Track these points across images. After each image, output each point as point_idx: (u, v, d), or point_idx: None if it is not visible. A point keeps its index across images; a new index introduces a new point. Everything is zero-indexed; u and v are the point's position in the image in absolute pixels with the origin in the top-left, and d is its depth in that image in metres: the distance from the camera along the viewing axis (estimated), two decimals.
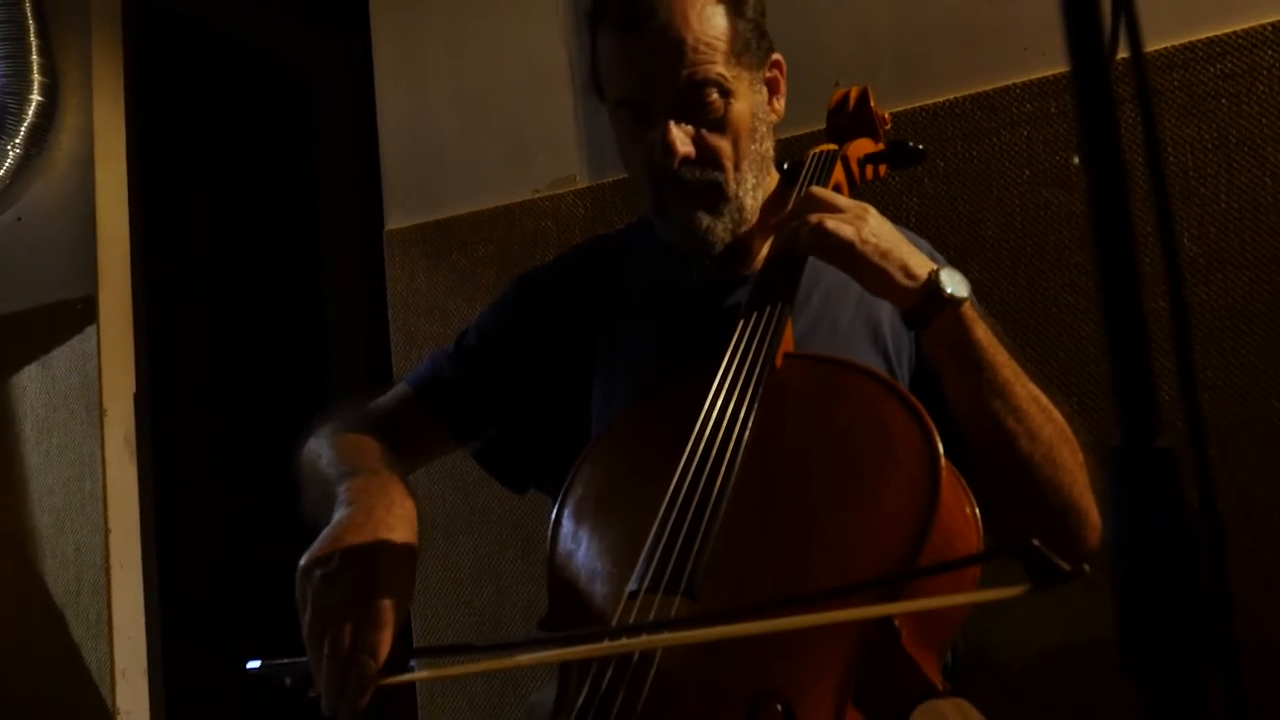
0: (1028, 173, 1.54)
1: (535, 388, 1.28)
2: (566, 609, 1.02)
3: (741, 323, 1.09)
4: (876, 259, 1.05)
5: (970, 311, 1.05)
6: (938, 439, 0.95)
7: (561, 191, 1.92)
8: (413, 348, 1.99)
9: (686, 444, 1.00)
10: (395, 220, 2.06)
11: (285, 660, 0.93)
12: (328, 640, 0.88)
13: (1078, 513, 1.07)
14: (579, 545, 1.04)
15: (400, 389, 1.30)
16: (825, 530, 0.94)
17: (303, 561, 0.92)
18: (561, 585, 1.04)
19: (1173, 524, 0.45)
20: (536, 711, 1.30)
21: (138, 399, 2.46)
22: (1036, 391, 1.08)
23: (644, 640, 0.86)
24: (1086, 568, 0.70)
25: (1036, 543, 0.72)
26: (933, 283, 1.04)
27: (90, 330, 2.40)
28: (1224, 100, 1.44)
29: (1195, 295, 1.43)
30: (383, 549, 0.93)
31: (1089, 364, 1.45)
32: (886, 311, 1.21)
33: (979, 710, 1.17)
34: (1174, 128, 1.46)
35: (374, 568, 0.91)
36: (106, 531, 2.32)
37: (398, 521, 0.97)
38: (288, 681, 0.92)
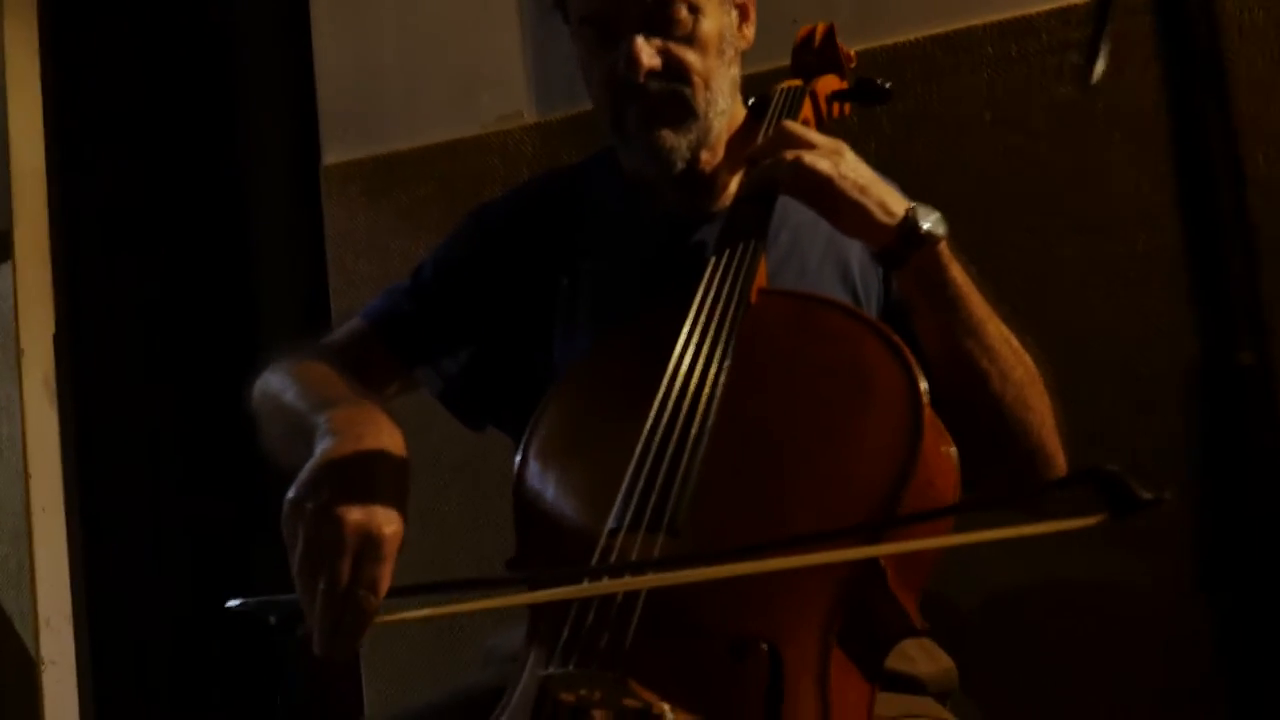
0: (989, 115, 1.54)
1: (495, 323, 1.24)
2: (538, 549, 0.99)
3: (713, 260, 1.06)
4: (855, 195, 1.04)
5: (946, 250, 1.05)
6: (920, 376, 0.94)
7: (509, 128, 1.87)
8: (352, 289, 1.93)
9: (661, 382, 0.98)
10: (333, 155, 1.98)
11: (269, 597, 0.88)
12: (324, 576, 0.83)
13: (1045, 455, 1.08)
14: (549, 484, 1.02)
15: (354, 324, 1.25)
16: (806, 469, 0.92)
17: (291, 494, 0.87)
18: (532, 525, 1.02)
19: (1255, 438, 0.44)
20: (495, 654, 1.29)
21: (57, 339, 2.36)
22: (1007, 332, 1.08)
23: (644, 580, 0.84)
24: (1167, 495, 0.67)
25: (1116, 469, 0.69)
26: (910, 220, 1.03)
27: (5, 268, 2.29)
28: None
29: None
30: (378, 478, 0.89)
31: (1047, 308, 1.45)
32: (855, 251, 1.20)
33: (941, 648, 1.18)
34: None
35: (370, 498, 0.86)
36: (26, 476, 2.23)
37: (389, 450, 0.92)
38: (272, 619, 0.88)
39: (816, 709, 0.84)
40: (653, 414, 0.96)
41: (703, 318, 1.02)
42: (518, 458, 1.05)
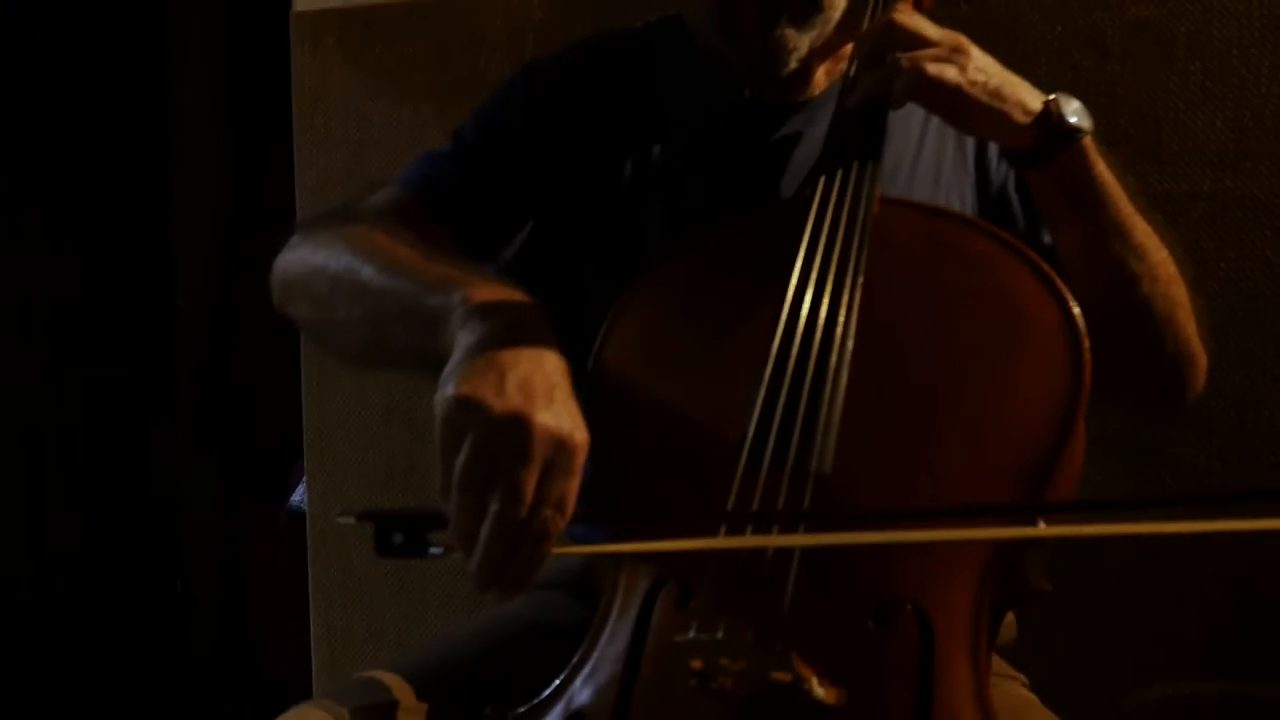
0: (1059, 29, 1.43)
1: (551, 202, 1.08)
2: (634, 485, 0.86)
3: (823, 179, 0.93)
4: (988, 101, 0.92)
5: (1091, 144, 0.94)
6: (1076, 310, 0.84)
7: None
8: (322, 153, 1.72)
9: (781, 299, 0.86)
10: (306, 0, 1.75)
11: (392, 510, 0.74)
12: (500, 490, 0.69)
13: (1191, 354, 1.00)
14: (643, 406, 0.89)
15: (388, 194, 1.06)
16: (956, 415, 0.82)
17: (452, 388, 0.71)
18: (619, 453, 0.89)
19: None
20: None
21: None
22: (1147, 225, 0.99)
23: (802, 538, 0.73)
24: None
25: None
26: (1054, 115, 0.92)
27: None
28: None
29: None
30: (555, 373, 0.75)
31: None
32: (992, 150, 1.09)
33: None
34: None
35: (552, 397, 0.72)
36: None
37: (553, 339, 0.78)
38: (397, 539, 0.74)
39: (970, 682, 0.75)
40: (779, 336, 0.84)
41: (824, 231, 0.89)
42: (591, 369, 0.92)
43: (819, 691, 0.70)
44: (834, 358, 0.82)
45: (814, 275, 0.87)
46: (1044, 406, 0.82)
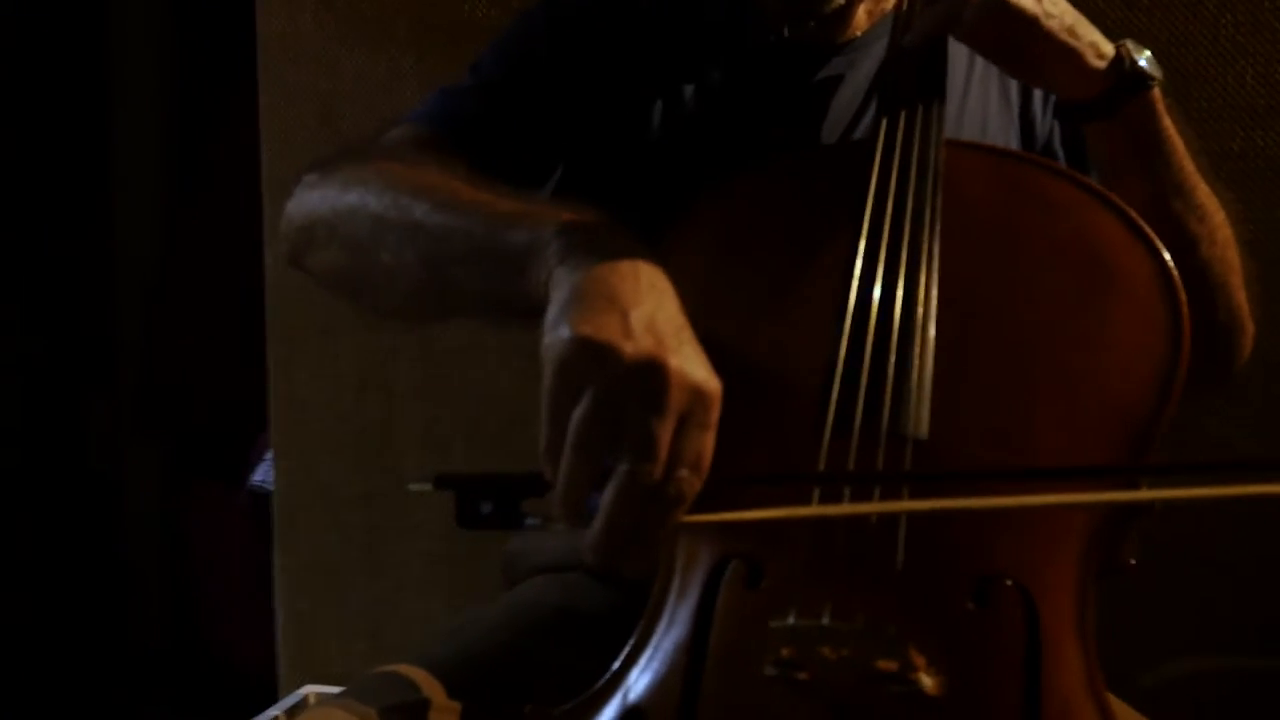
0: None
1: (580, 139, 0.98)
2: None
3: (885, 120, 0.85)
4: (1065, 38, 0.85)
5: (1159, 95, 0.87)
6: (1169, 259, 0.77)
7: None
8: (290, 105, 1.60)
9: (853, 246, 0.78)
10: None
11: (486, 474, 0.65)
12: (630, 447, 0.59)
13: (1241, 322, 0.95)
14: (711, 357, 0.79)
15: (405, 130, 0.95)
16: (1050, 375, 0.75)
17: (572, 330, 0.61)
18: None
19: None
20: (523, 562, 1.08)
21: None
22: (1207, 185, 0.93)
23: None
24: None
25: None
26: (1127, 60, 0.85)
27: None
28: None
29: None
30: (681, 316, 0.65)
31: None
32: (1036, 103, 1.03)
33: None
34: None
35: (682, 339, 0.62)
36: None
37: (668, 280, 0.68)
38: (485, 509, 0.64)
39: (1081, 668, 0.68)
40: (855, 289, 0.76)
41: (893, 177, 0.81)
42: None
43: (926, 681, 0.62)
44: (920, 311, 0.74)
45: (887, 223, 0.79)
46: (1143, 363, 0.75)
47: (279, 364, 1.63)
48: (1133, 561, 0.76)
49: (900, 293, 0.75)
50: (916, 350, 0.72)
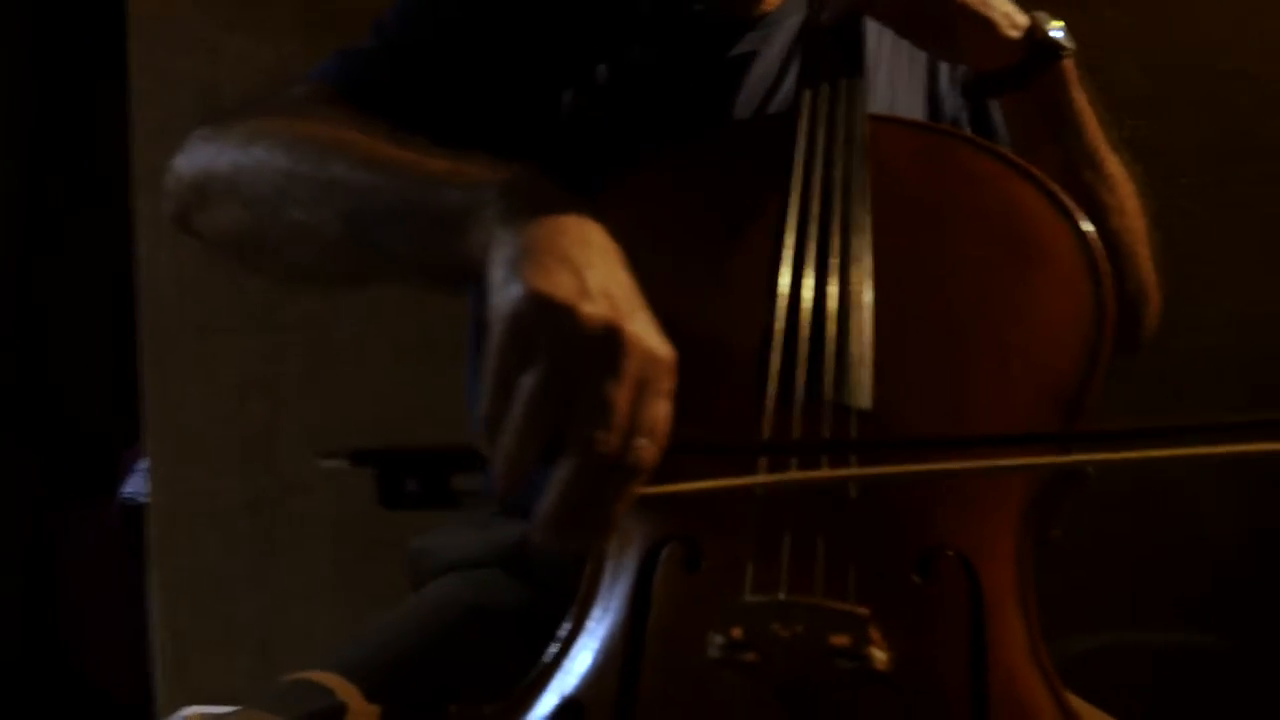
0: None
1: (487, 108, 0.94)
2: None
3: (808, 93, 0.84)
4: (979, 8, 0.85)
5: (1071, 65, 0.88)
6: (1089, 228, 0.78)
7: None
8: (166, 93, 1.51)
9: (782, 219, 0.76)
10: None
11: (409, 448, 0.59)
12: (585, 414, 0.55)
13: (1149, 292, 0.96)
14: None
15: (307, 88, 0.89)
16: (982, 346, 0.75)
17: (525, 287, 0.57)
18: None
19: None
20: (431, 560, 1.02)
21: None
22: (1114, 156, 0.93)
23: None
24: None
25: None
26: (1040, 30, 0.86)
27: None
28: None
29: None
30: (630, 281, 0.62)
31: None
32: (943, 76, 1.02)
33: None
34: None
35: (635, 305, 0.59)
36: None
37: (602, 229, 0.65)
38: (411, 487, 0.60)
39: (1025, 639, 0.67)
40: (789, 261, 0.74)
41: (819, 151, 0.80)
42: None
43: (878, 655, 0.61)
44: (855, 280, 0.72)
45: (817, 194, 0.77)
46: (1071, 332, 0.75)
47: (153, 365, 1.54)
48: (1057, 533, 0.76)
49: (835, 260, 0.73)
50: (854, 322, 0.71)
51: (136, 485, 1.87)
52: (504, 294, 0.58)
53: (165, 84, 1.51)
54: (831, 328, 0.70)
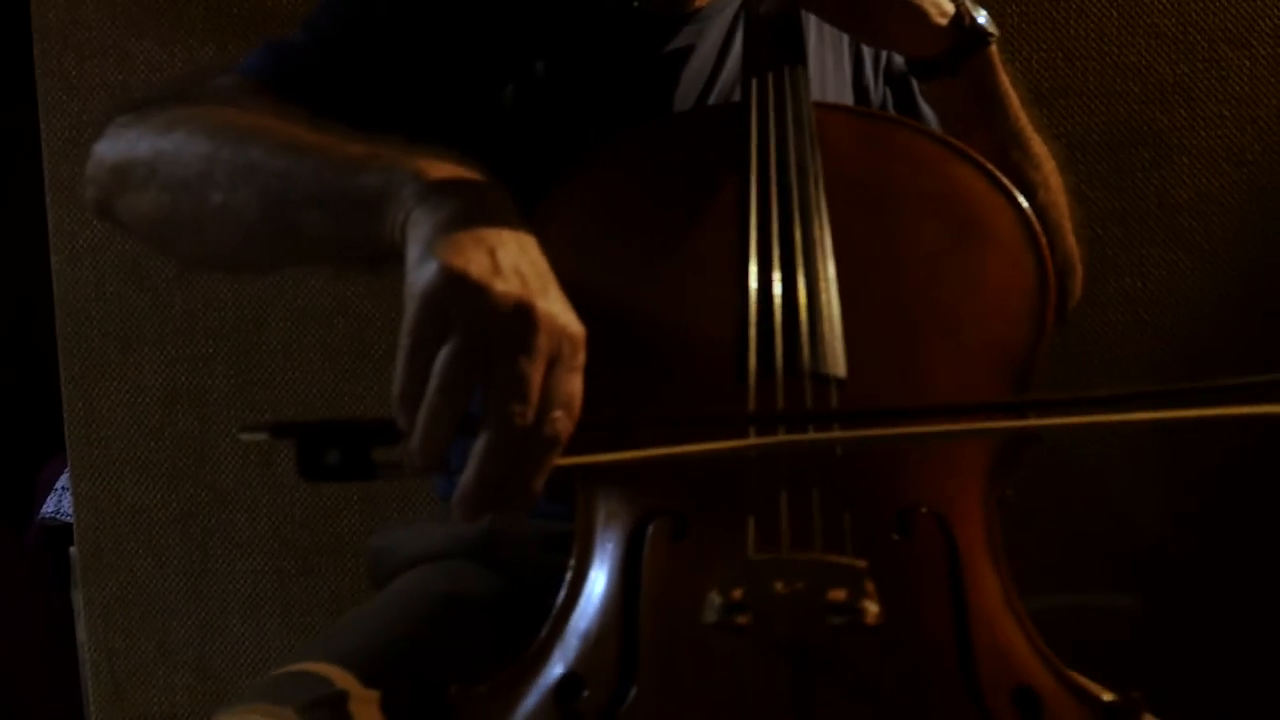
0: None
1: (422, 103, 0.94)
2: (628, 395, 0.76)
3: (755, 82, 0.87)
4: None
5: (995, 50, 0.93)
6: (1026, 205, 0.83)
7: None
8: (75, 100, 1.47)
9: (743, 202, 0.80)
10: None
11: (331, 420, 0.61)
12: (499, 388, 0.58)
13: (1073, 264, 1.01)
14: (609, 320, 0.78)
15: (229, 80, 0.89)
16: (935, 321, 0.79)
17: (440, 263, 0.59)
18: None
19: None
20: (392, 556, 1.03)
21: None
22: (1037, 135, 0.99)
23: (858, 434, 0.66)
24: None
25: None
26: (967, 17, 0.91)
27: None
28: None
29: None
30: (545, 263, 0.65)
31: None
32: (868, 64, 1.07)
33: None
34: None
35: (547, 283, 0.62)
36: None
37: (517, 212, 0.68)
38: (332, 458, 0.60)
39: (999, 589, 0.72)
40: (754, 241, 0.77)
41: (772, 137, 0.83)
42: None
43: (871, 609, 0.64)
44: (820, 262, 0.76)
45: (773, 176, 0.80)
46: (1017, 302, 0.80)
47: (73, 379, 1.49)
48: (1010, 493, 0.81)
49: (799, 240, 0.77)
50: (824, 296, 0.74)
51: (57, 504, 1.81)
52: (418, 272, 0.60)
53: (74, 92, 1.47)
54: (803, 303, 0.73)
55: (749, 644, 0.65)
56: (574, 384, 0.61)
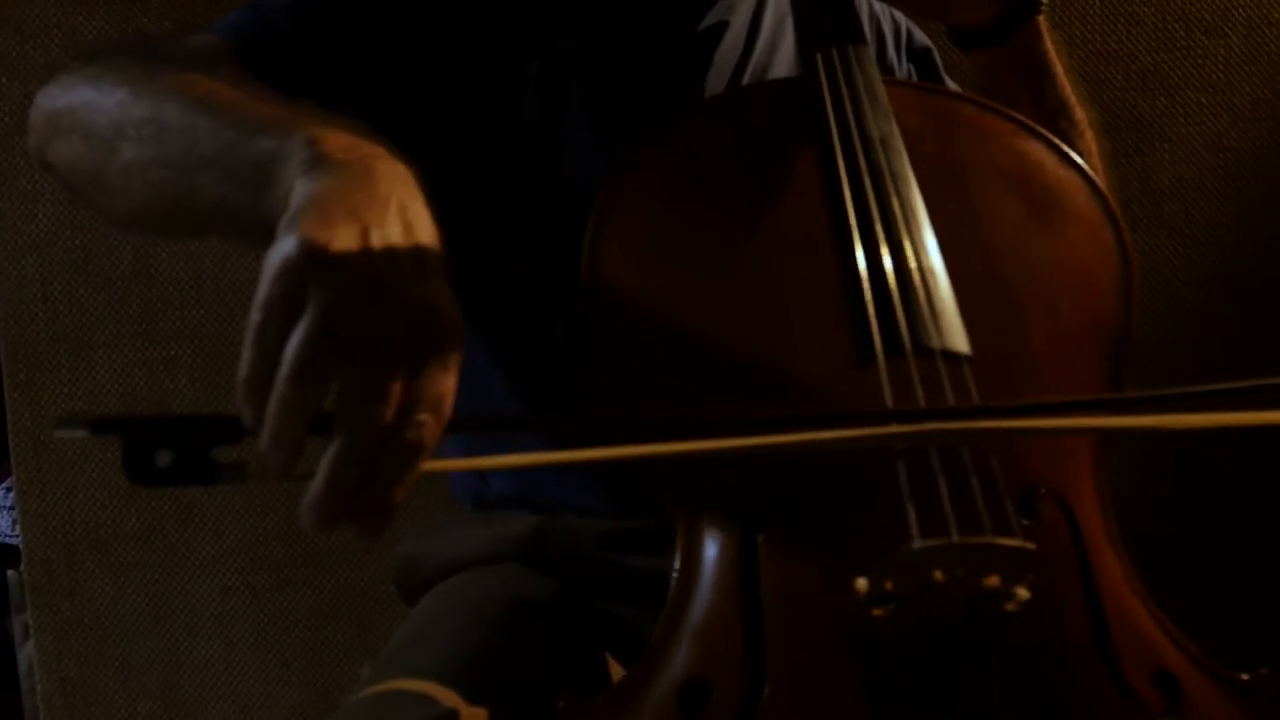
0: None
1: (430, 74, 0.89)
2: (712, 390, 0.71)
3: (820, 58, 0.84)
4: None
5: (1043, 19, 0.92)
6: (1098, 180, 0.82)
7: None
8: (18, 83, 1.35)
9: (833, 181, 0.77)
10: None
11: (162, 416, 0.56)
12: (357, 383, 0.51)
13: None
14: (679, 319, 0.73)
15: (207, 39, 0.83)
16: (1029, 293, 0.77)
17: (298, 235, 0.52)
18: (665, 382, 0.73)
19: None
20: (429, 563, 0.96)
21: None
22: (1081, 103, 0.97)
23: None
24: None
25: None
26: None
27: None
28: None
29: None
30: (433, 245, 0.57)
31: None
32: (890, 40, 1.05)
33: None
34: None
35: (427, 267, 0.55)
36: None
37: (427, 209, 0.59)
38: (163, 460, 0.53)
39: (1121, 569, 0.70)
40: (853, 215, 0.74)
41: (849, 112, 0.80)
42: (586, 288, 0.75)
43: (1021, 594, 0.61)
44: (923, 235, 0.73)
45: (860, 154, 0.77)
46: (1104, 275, 0.79)
47: (19, 387, 1.37)
48: None
49: (897, 210, 0.73)
50: (934, 265, 0.71)
51: (5, 523, 1.67)
52: (276, 245, 0.53)
53: (15, 74, 1.35)
54: (917, 279, 0.70)
55: (892, 633, 0.62)
56: (444, 384, 0.54)
